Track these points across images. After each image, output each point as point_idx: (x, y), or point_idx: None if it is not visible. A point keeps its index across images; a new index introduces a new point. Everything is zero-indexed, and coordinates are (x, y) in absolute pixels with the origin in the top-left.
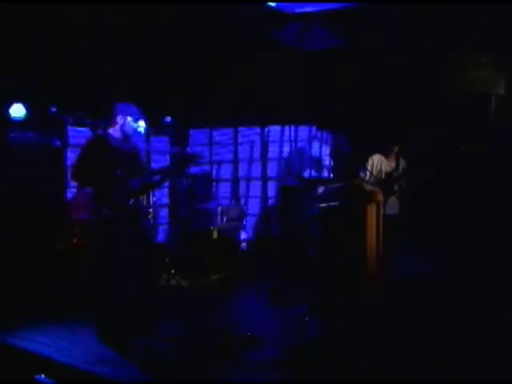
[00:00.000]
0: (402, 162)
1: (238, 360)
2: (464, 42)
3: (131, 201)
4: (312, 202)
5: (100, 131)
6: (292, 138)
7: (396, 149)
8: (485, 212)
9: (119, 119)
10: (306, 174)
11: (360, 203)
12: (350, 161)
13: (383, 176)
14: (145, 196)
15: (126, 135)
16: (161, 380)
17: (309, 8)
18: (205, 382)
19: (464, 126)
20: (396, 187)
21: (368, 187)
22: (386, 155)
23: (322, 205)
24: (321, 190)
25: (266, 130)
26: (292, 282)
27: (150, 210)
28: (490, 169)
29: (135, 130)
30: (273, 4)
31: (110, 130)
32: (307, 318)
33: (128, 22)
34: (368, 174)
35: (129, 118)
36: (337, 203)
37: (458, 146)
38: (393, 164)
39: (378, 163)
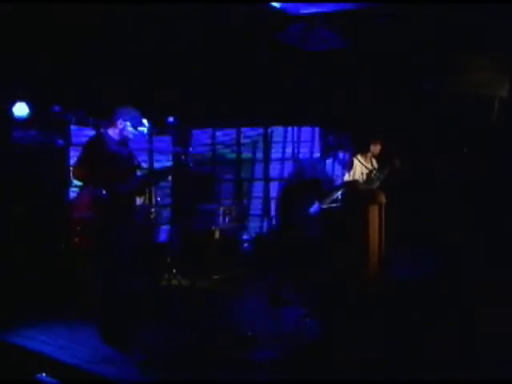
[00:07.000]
0: (374, 162)
1: (237, 360)
2: (467, 43)
3: (127, 201)
4: (314, 203)
5: (100, 131)
6: (295, 139)
7: (373, 149)
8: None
9: (119, 123)
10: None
11: (362, 204)
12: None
13: (364, 177)
14: (147, 196)
15: (123, 139)
16: (161, 380)
17: (313, 9)
18: (205, 381)
19: (467, 128)
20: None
21: (368, 188)
22: (365, 157)
23: (324, 206)
24: (323, 191)
25: (269, 130)
26: (292, 282)
27: (152, 209)
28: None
29: (134, 135)
30: (277, 5)
31: (110, 132)
32: (307, 319)
33: (130, 22)
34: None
35: (128, 124)
36: (339, 204)
37: (461, 148)
38: (369, 165)
39: (358, 165)
